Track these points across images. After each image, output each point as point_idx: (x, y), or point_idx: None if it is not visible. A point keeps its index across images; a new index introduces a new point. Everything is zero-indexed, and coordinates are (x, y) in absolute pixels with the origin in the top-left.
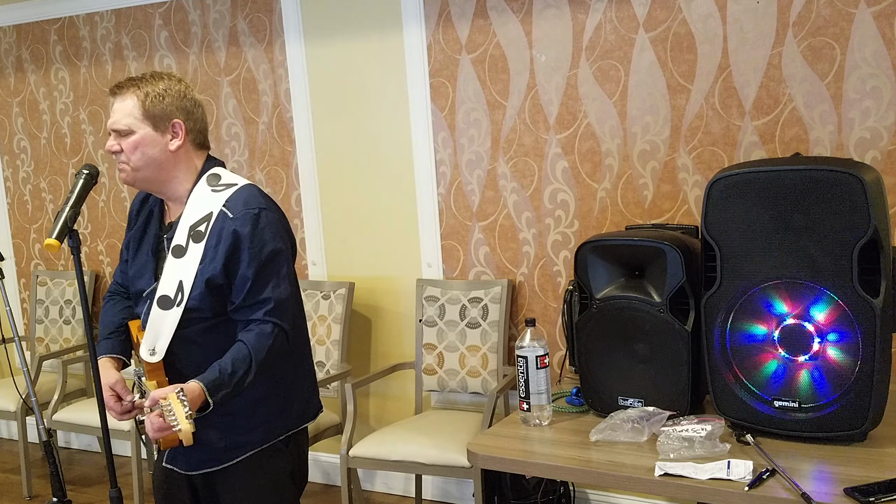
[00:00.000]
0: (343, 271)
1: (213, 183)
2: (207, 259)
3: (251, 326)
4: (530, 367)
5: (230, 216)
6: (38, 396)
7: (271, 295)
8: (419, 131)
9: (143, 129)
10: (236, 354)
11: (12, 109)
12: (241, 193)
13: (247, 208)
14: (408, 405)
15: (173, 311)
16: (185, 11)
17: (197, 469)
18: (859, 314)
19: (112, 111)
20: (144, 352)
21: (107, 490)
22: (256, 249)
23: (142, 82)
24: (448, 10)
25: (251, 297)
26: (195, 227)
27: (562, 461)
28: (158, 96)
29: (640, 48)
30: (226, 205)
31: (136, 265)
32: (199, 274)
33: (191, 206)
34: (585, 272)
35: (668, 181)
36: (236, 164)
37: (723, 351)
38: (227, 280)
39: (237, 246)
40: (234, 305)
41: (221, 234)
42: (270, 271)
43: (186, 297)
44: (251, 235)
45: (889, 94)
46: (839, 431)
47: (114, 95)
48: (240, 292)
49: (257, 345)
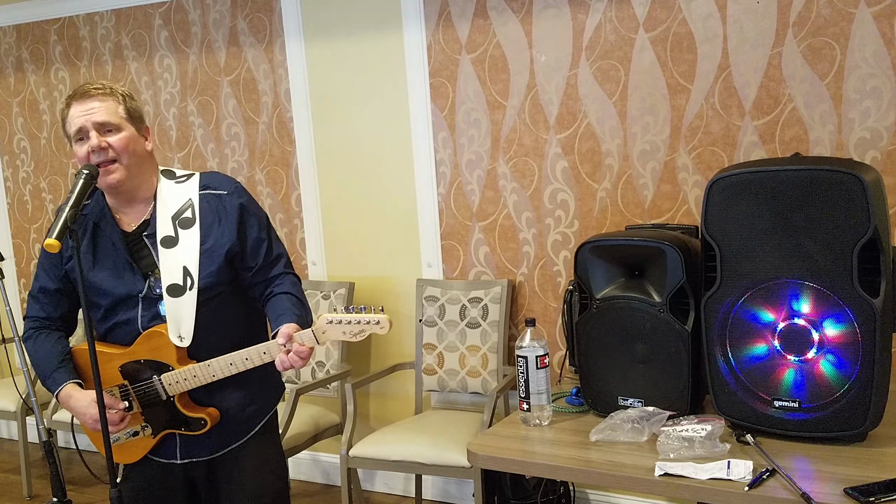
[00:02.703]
0: (343, 271)
1: (171, 177)
2: (213, 236)
3: (278, 280)
4: (530, 367)
5: (224, 193)
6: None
7: (280, 251)
8: (419, 131)
9: (129, 128)
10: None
11: (12, 109)
12: (212, 176)
13: (233, 184)
14: (408, 405)
15: (188, 295)
16: (185, 11)
17: (221, 449)
18: (859, 314)
19: (88, 110)
20: (174, 338)
21: (107, 490)
22: (259, 214)
23: (114, 87)
24: (448, 10)
25: (268, 256)
26: (178, 215)
27: (562, 461)
28: (132, 100)
29: (640, 48)
30: (205, 188)
31: (105, 277)
32: (208, 252)
33: (163, 201)
34: (585, 272)
35: (668, 181)
36: (236, 164)
37: (723, 351)
38: (242, 248)
39: (245, 215)
40: (256, 266)
41: (219, 210)
42: (271, 231)
43: (197, 278)
44: (250, 203)
45: (889, 94)
46: (839, 431)
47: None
48: (258, 254)
49: (298, 291)
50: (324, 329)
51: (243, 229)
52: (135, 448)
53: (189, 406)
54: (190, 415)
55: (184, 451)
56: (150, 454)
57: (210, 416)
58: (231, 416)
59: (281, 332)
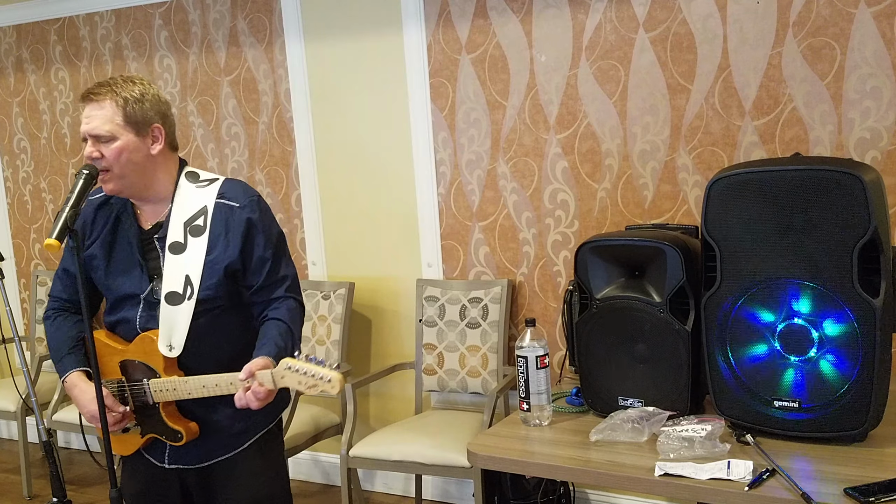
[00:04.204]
0: (343, 271)
1: (194, 180)
2: (219, 248)
3: (276, 304)
4: (530, 367)
5: (236, 205)
6: (38, 396)
7: (287, 272)
8: (419, 131)
9: (125, 136)
10: (279, 329)
11: (12, 109)
12: (233, 185)
13: (249, 196)
14: (408, 405)
15: (185, 305)
16: (185, 11)
17: (208, 460)
18: (859, 314)
19: (87, 117)
20: (163, 348)
21: (107, 490)
22: (268, 232)
23: (117, 87)
24: (448, 10)
25: (271, 276)
26: (190, 222)
27: (562, 461)
28: (137, 101)
29: (640, 48)
30: (221, 197)
31: (115, 270)
32: (210, 264)
33: (180, 204)
34: (585, 272)
35: (668, 181)
36: (236, 165)
37: (723, 351)
38: (243, 265)
39: (251, 231)
40: (256, 286)
41: (229, 223)
42: (281, 251)
43: (197, 288)
44: (261, 220)
45: (889, 94)
46: (839, 431)
47: (88, 101)
48: (260, 273)
49: (291, 318)
50: (282, 374)
51: (248, 246)
52: (127, 443)
53: (172, 416)
54: (170, 425)
55: (171, 457)
56: (144, 452)
57: (187, 430)
58: (218, 430)
59: (245, 367)
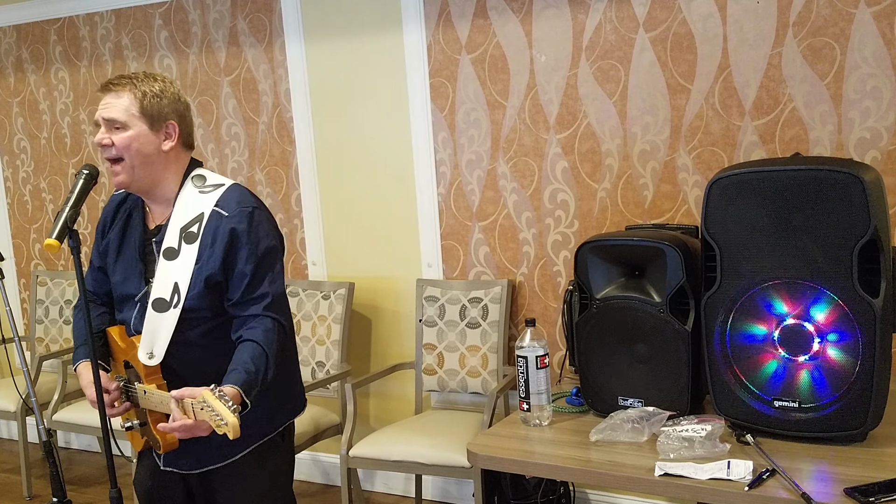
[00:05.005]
0: (343, 271)
1: (200, 184)
2: (204, 258)
3: (252, 323)
4: (530, 367)
5: (225, 215)
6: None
7: (269, 290)
8: (419, 131)
9: (138, 126)
10: (252, 353)
11: (12, 109)
12: (233, 193)
13: (241, 207)
14: (408, 405)
15: (170, 313)
16: (185, 11)
17: (200, 467)
18: (859, 314)
19: (104, 104)
20: (143, 355)
21: (107, 490)
22: (253, 246)
23: (138, 81)
24: (448, 10)
25: (249, 292)
26: (186, 228)
27: (562, 461)
28: (156, 96)
29: (640, 48)
30: (218, 204)
31: (120, 270)
32: (196, 274)
33: (180, 209)
34: (585, 272)
35: (668, 181)
36: (236, 165)
37: (723, 351)
38: (225, 277)
39: (235, 243)
40: (233, 301)
41: (217, 232)
42: (267, 267)
43: (183, 298)
44: (248, 232)
45: (889, 94)
46: (839, 431)
47: (107, 91)
48: (238, 288)
49: (266, 340)
50: (201, 405)
51: (230, 258)
52: (135, 439)
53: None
54: (153, 431)
55: (166, 459)
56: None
57: (164, 441)
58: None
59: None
